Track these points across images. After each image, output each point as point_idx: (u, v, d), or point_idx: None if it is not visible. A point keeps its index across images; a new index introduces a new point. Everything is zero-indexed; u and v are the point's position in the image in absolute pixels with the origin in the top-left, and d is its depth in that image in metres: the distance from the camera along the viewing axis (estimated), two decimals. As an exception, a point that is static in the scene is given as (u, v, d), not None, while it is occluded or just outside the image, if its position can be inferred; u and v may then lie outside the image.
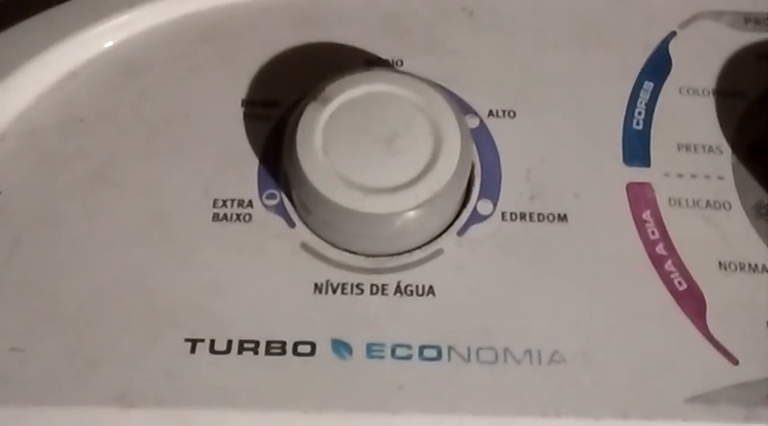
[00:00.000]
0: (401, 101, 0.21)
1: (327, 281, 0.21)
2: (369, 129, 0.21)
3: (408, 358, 0.19)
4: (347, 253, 0.21)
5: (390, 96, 0.21)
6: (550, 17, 0.24)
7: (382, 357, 0.19)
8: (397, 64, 0.24)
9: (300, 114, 0.21)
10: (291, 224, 0.21)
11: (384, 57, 0.24)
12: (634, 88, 0.23)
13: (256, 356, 0.19)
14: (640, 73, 0.23)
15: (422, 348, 0.20)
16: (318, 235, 0.21)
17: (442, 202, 0.20)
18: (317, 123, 0.21)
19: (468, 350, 0.20)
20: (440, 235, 0.21)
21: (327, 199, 0.20)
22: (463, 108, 0.23)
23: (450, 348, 0.20)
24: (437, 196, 0.20)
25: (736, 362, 0.20)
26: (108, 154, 0.22)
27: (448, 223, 0.21)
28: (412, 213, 0.20)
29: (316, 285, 0.21)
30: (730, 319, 0.20)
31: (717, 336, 0.20)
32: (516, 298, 0.20)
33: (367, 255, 0.21)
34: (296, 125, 0.21)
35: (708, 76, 0.24)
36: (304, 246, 0.21)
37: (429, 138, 0.21)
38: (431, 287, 0.21)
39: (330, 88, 0.21)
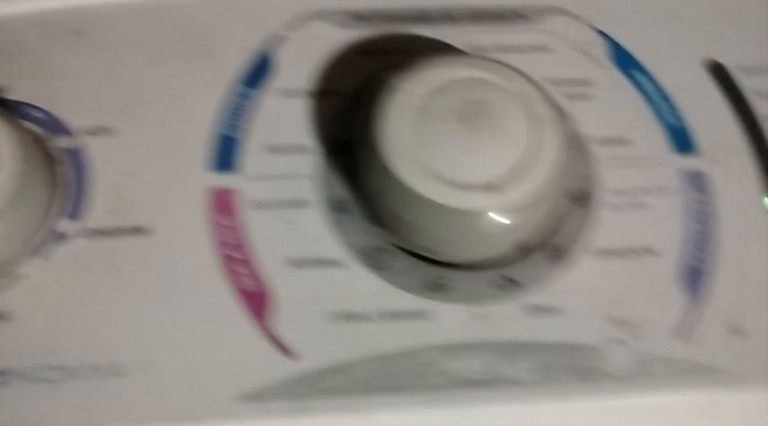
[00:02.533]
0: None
1: None
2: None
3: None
4: None
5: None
6: (157, 31, 0.24)
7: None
8: (4, 91, 0.24)
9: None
10: None
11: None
12: (231, 95, 0.23)
13: None
14: (239, 79, 0.23)
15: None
16: None
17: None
18: None
19: (34, 372, 0.20)
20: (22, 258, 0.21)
21: None
22: (60, 129, 0.22)
23: (15, 372, 0.20)
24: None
25: (293, 357, 0.20)
26: None
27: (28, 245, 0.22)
28: None
29: None
30: (294, 314, 0.21)
31: (277, 332, 0.20)
32: (87, 316, 0.20)
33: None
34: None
35: (308, 78, 0.24)
36: None
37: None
38: (11, 313, 0.21)
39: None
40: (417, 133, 0.21)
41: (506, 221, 0.20)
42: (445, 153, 0.20)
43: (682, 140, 0.24)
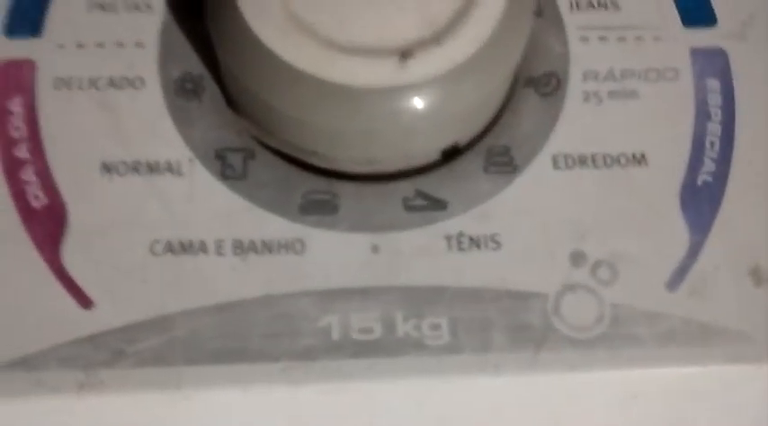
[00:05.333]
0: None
1: None
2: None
3: None
4: None
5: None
6: None
7: None
8: None
9: None
10: None
11: None
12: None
13: None
14: None
15: None
16: None
17: None
18: None
19: None
20: None
21: None
22: None
23: None
24: None
25: (89, 304, 0.14)
26: None
27: None
28: None
29: None
30: (99, 243, 0.14)
31: (71, 269, 0.14)
32: None
33: None
34: None
35: None
36: None
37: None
38: None
39: None
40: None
41: (420, 104, 0.14)
42: (330, 5, 0.14)
43: (697, 6, 0.17)
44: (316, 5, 0.13)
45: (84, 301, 0.13)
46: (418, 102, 0.13)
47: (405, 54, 0.13)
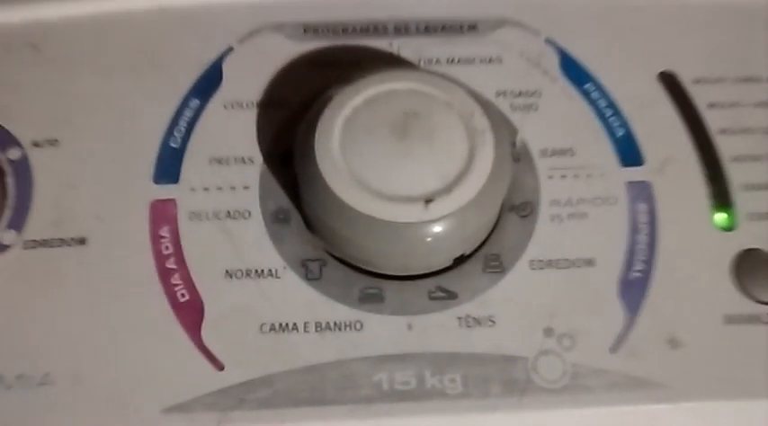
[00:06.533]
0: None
1: None
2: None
3: None
4: None
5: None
6: (111, 45, 0.24)
7: None
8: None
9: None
10: None
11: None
12: (179, 107, 0.23)
13: None
14: (188, 92, 0.23)
15: None
16: None
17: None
18: None
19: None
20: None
21: None
22: (9, 141, 0.22)
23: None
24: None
25: (221, 368, 0.20)
26: None
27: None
28: None
29: None
30: (226, 326, 0.20)
31: (209, 344, 0.20)
32: (22, 326, 0.20)
33: None
34: None
35: (257, 89, 0.23)
36: None
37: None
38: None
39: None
40: (352, 145, 0.20)
41: (439, 233, 0.20)
42: (377, 165, 0.20)
43: (629, 151, 0.23)
44: (368, 167, 0.20)
45: (218, 366, 0.19)
46: (438, 231, 0.19)
47: (427, 200, 0.19)
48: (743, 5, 0.25)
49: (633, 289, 0.21)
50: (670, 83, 0.24)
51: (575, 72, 0.24)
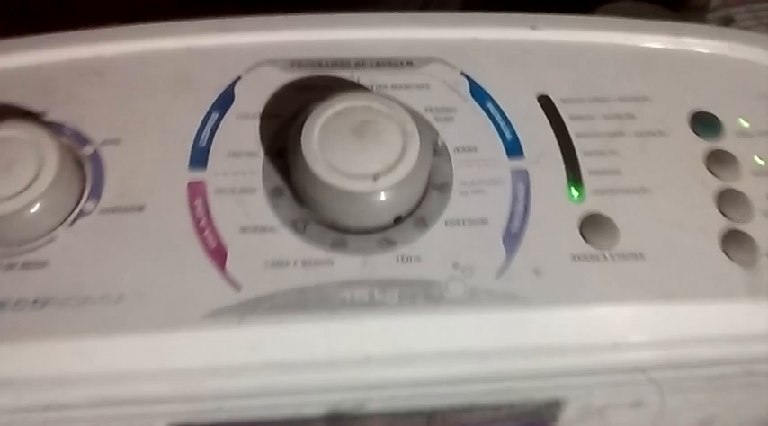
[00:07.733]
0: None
1: None
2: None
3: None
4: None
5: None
6: (154, 73, 0.33)
7: None
8: (42, 114, 0.32)
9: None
10: None
11: (37, 110, 0.32)
12: (204, 118, 0.32)
13: None
14: (210, 107, 0.33)
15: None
16: None
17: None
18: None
19: (65, 300, 0.28)
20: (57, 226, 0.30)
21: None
22: (83, 140, 0.31)
23: (52, 300, 0.28)
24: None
25: (241, 290, 0.29)
26: None
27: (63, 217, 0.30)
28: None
29: None
30: (242, 262, 0.29)
31: (231, 275, 0.29)
32: (101, 265, 0.29)
33: None
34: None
35: (259, 105, 0.33)
36: None
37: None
38: (47, 261, 0.29)
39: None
40: (326, 142, 0.30)
41: (384, 200, 0.29)
42: (343, 155, 0.29)
43: (514, 148, 0.33)
44: (337, 156, 0.29)
45: (237, 288, 0.28)
46: (382, 198, 0.29)
47: (375, 177, 0.29)
48: (600, 45, 0.36)
49: (512, 239, 0.30)
50: (545, 102, 0.34)
51: (480, 95, 0.34)
